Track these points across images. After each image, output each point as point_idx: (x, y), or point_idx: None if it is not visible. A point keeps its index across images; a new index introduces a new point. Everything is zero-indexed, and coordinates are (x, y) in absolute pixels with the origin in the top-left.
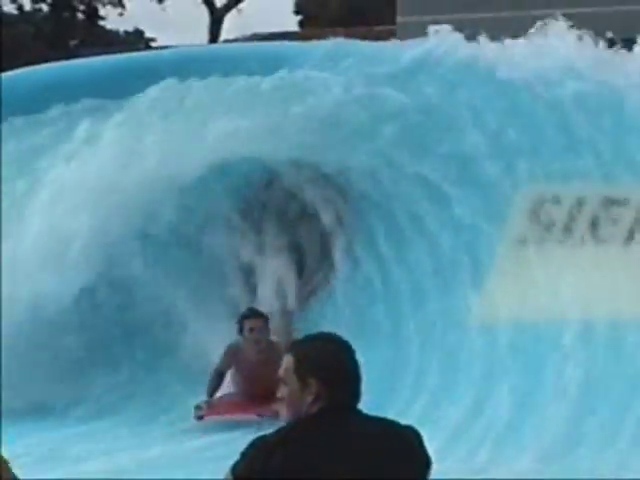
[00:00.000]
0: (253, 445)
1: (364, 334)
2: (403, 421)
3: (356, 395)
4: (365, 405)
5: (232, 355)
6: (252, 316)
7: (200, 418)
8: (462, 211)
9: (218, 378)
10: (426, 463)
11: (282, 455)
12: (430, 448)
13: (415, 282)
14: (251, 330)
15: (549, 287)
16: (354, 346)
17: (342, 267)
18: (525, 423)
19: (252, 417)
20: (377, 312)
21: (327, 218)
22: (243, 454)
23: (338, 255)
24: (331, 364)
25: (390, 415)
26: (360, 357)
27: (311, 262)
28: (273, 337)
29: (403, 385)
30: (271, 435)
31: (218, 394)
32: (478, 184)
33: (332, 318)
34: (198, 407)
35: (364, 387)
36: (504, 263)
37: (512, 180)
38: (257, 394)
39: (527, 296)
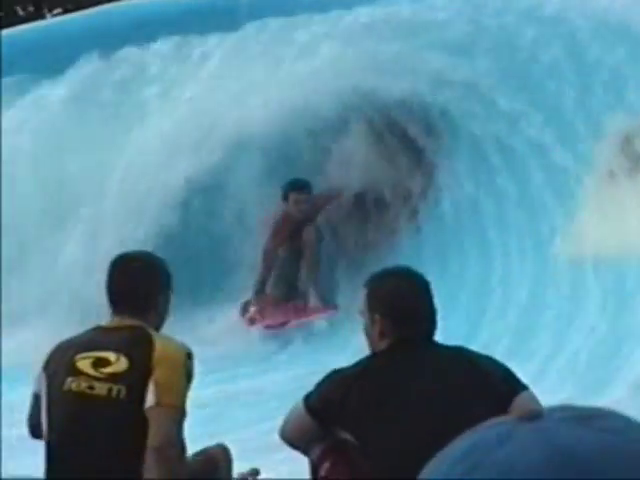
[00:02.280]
0: (330, 378)
1: (449, 267)
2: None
3: (426, 331)
4: (450, 337)
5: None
6: (299, 188)
7: (252, 322)
8: (552, 144)
9: (267, 266)
10: (505, 394)
11: (359, 388)
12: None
13: (502, 213)
14: (296, 203)
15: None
16: (440, 277)
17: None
18: (613, 357)
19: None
20: (464, 243)
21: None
22: (318, 385)
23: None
24: (396, 302)
25: (475, 348)
26: (444, 290)
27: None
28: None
29: (487, 318)
30: (348, 369)
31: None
32: (565, 117)
33: (416, 250)
34: (246, 305)
35: (449, 320)
36: (592, 197)
37: (601, 113)
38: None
39: (616, 231)
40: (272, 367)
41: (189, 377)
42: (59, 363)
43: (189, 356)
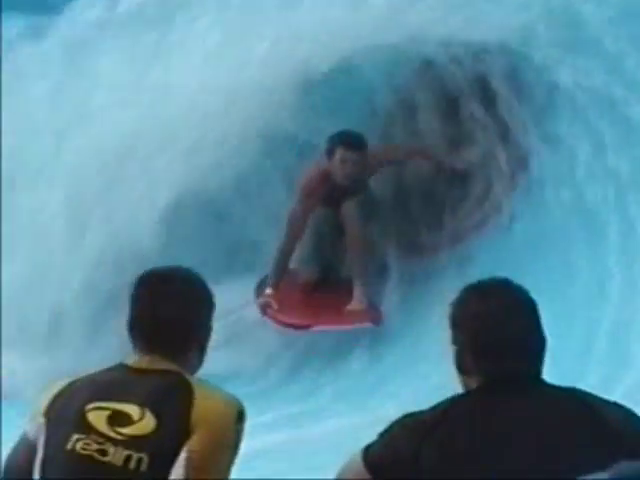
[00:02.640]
0: (399, 425)
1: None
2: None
3: (529, 367)
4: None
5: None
6: (351, 144)
7: (264, 310)
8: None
9: (293, 234)
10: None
11: (437, 441)
12: None
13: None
14: (343, 162)
15: None
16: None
17: None
18: None
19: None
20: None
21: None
22: (383, 434)
23: None
24: (481, 330)
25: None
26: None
27: None
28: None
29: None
30: (423, 413)
31: None
32: None
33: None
34: (262, 283)
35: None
36: None
37: None
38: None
39: None
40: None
41: (237, 447)
42: (65, 409)
43: (240, 417)
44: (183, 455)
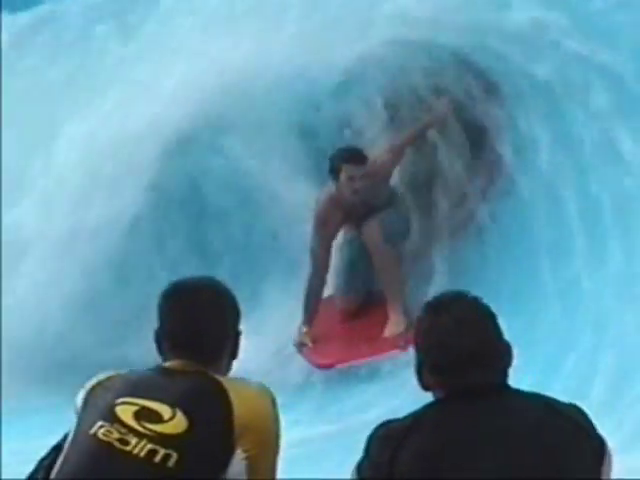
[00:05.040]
0: (376, 435)
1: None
2: None
3: (486, 373)
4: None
5: (323, 221)
6: (354, 160)
7: (299, 350)
8: None
9: (316, 270)
10: (597, 453)
11: (409, 446)
12: None
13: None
14: (351, 179)
15: None
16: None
17: None
18: None
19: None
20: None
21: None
22: (366, 449)
23: None
24: (432, 347)
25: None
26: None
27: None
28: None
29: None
30: (396, 421)
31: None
32: None
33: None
34: (299, 335)
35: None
36: None
37: None
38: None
39: None
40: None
41: (280, 433)
42: (98, 401)
43: (274, 403)
44: (241, 456)
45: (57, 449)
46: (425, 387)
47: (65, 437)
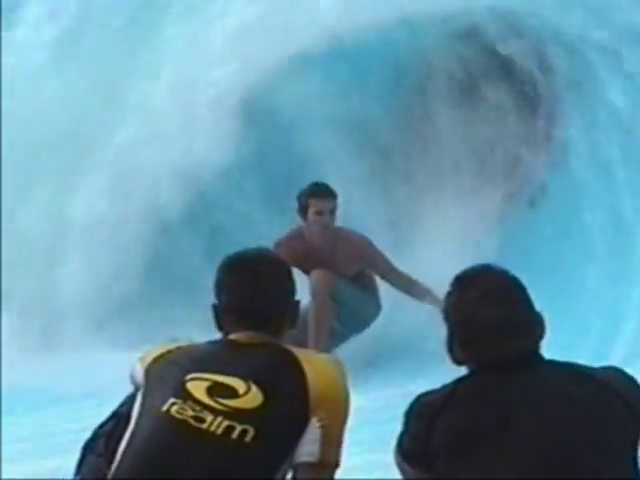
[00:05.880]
0: (411, 412)
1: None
2: None
3: (516, 343)
4: None
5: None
6: (322, 195)
7: None
8: None
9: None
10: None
11: (444, 421)
12: None
13: None
14: (319, 214)
15: None
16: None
17: None
18: None
19: None
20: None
21: None
22: (405, 423)
23: None
24: (460, 319)
25: None
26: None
27: None
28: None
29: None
30: (432, 394)
31: None
32: None
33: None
34: None
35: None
36: None
37: None
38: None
39: None
40: None
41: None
42: (164, 375)
43: (344, 373)
44: (315, 425)
45: (116, 417)
46: (457, 362)
47: (123, 404)
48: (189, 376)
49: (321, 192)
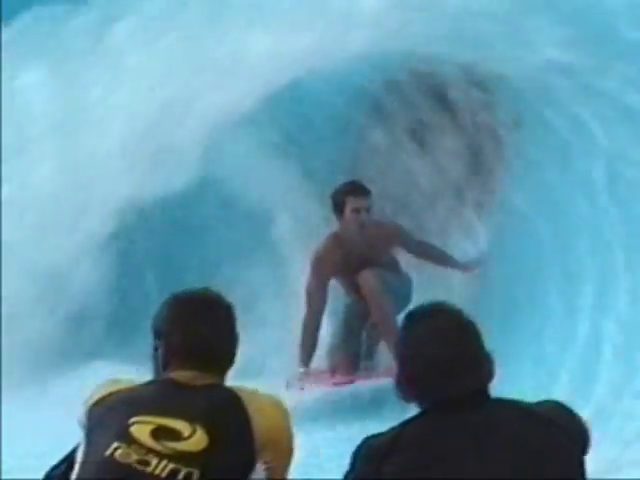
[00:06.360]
0: (359, 454)
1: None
2: None
3: (462, 383)
4: None
5: (324, 262)
6: (359, 192)
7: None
8: None
9: (312, 328)
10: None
11: (395, 462)
12: None
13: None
14: (356, 212)
15: None
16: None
17: None
18: None
19: (329, 388)
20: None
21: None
22: (351, 465)
23: None
24: (407, 358)
25: None
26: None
27: None
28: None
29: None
30: (379, 437)
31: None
32: None
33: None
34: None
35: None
36: None
37: None
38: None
39: None
40: None
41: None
42: (107, 419)
43: (287, 413)
44: (261, 468)
45: (67, 461)
46: (405, 399)
47: (75, 450)
48: (133, 419)
49: (358, 189)
